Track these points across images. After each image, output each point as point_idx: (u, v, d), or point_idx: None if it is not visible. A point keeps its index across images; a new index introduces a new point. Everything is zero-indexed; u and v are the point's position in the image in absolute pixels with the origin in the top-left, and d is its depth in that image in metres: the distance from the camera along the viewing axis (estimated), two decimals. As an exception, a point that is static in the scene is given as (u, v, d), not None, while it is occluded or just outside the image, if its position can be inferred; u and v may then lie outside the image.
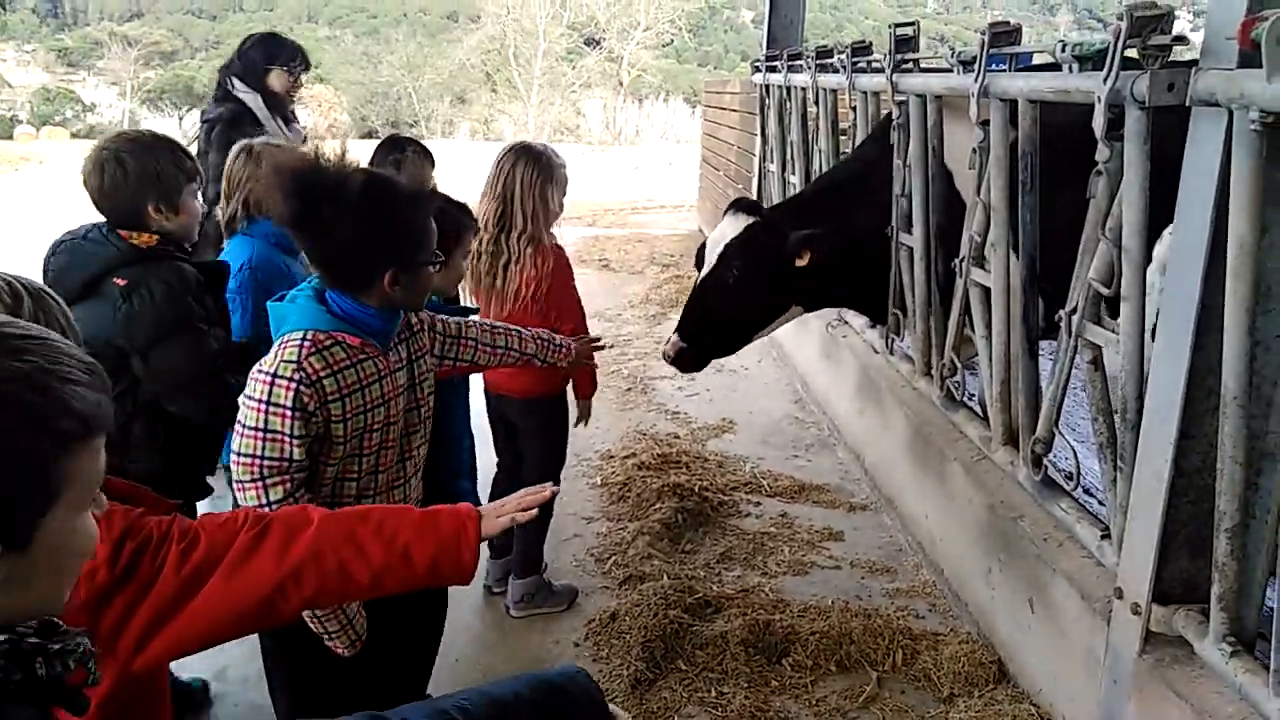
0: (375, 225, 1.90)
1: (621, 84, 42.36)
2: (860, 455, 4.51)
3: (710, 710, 2.81)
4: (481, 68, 39.03)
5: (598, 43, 43.15)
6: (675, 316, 7.60)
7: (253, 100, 4.31)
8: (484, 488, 3.28)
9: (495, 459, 3.50)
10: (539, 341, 2.56)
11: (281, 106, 4.42)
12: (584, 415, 3.37)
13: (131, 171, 2.44)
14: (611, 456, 4.66)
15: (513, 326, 2.53)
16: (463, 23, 48.94)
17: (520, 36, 40.22)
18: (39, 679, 0.82)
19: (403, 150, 3.33)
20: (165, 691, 1.45)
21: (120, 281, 2.38)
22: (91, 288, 2.39)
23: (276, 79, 4.38)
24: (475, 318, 2.61)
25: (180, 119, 42.52)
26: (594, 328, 6.22)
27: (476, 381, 3.19)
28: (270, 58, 4.37)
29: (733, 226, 3.50)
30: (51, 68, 50.48)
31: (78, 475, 0.86)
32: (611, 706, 1.19)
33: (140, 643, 1.27)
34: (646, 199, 15.78)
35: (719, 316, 3.52)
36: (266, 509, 1.74)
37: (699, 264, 3.60)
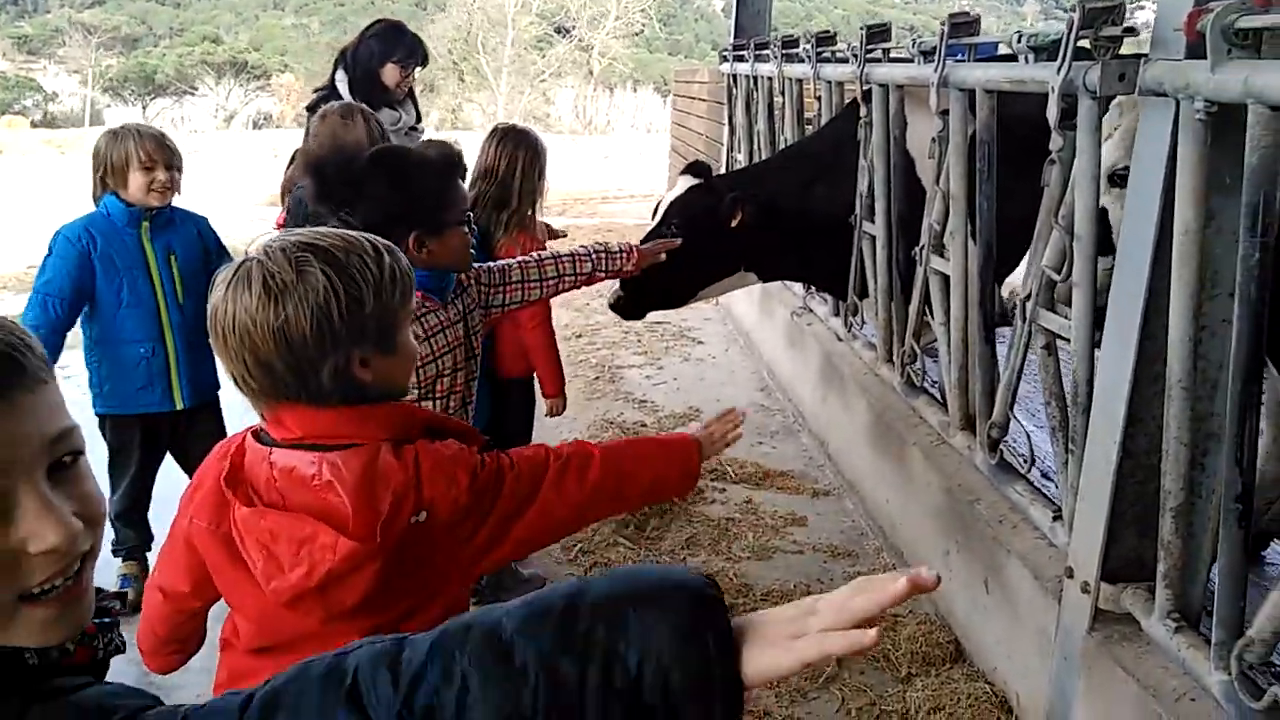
0: (387, 194, 2.04)
1: (592, 73, 42.28)
2: (824, 441, 4.56)
3: (673, 692, 2.84)
4: (448, 56, 38.75)
5: (567, 31, 43.01)
6: (643, 305, 7.65)
7: (343, 86, 4.35)
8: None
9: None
10: (597, 256, 2.60)
11: (388, 98, 4.41)
12: (553, 411, 3.41)
13: None
14: (578, 444, 4.68)
15: (563, 252, 2.58)
16: (430, 11, 48.59)
17: (488, 25, 40.00)
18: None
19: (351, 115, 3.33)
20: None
21: None
22: None
23: (389, 73, 4.41)
24: (519, 258, 2.62)
25: (144, 108, 41.95)
26: (563, 316, 6.24)
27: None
28: (386, 53, 4.40)
29: (682, 187, 3.64)
30: (10, 55, 49.54)
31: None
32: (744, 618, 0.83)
33: (486, 549, 1.55)
34: (617, 188, 15.79)
35: (655, 269, 3.55)
36: None
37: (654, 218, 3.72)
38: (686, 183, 3.66)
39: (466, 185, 3.11)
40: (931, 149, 3.03)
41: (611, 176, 17.75)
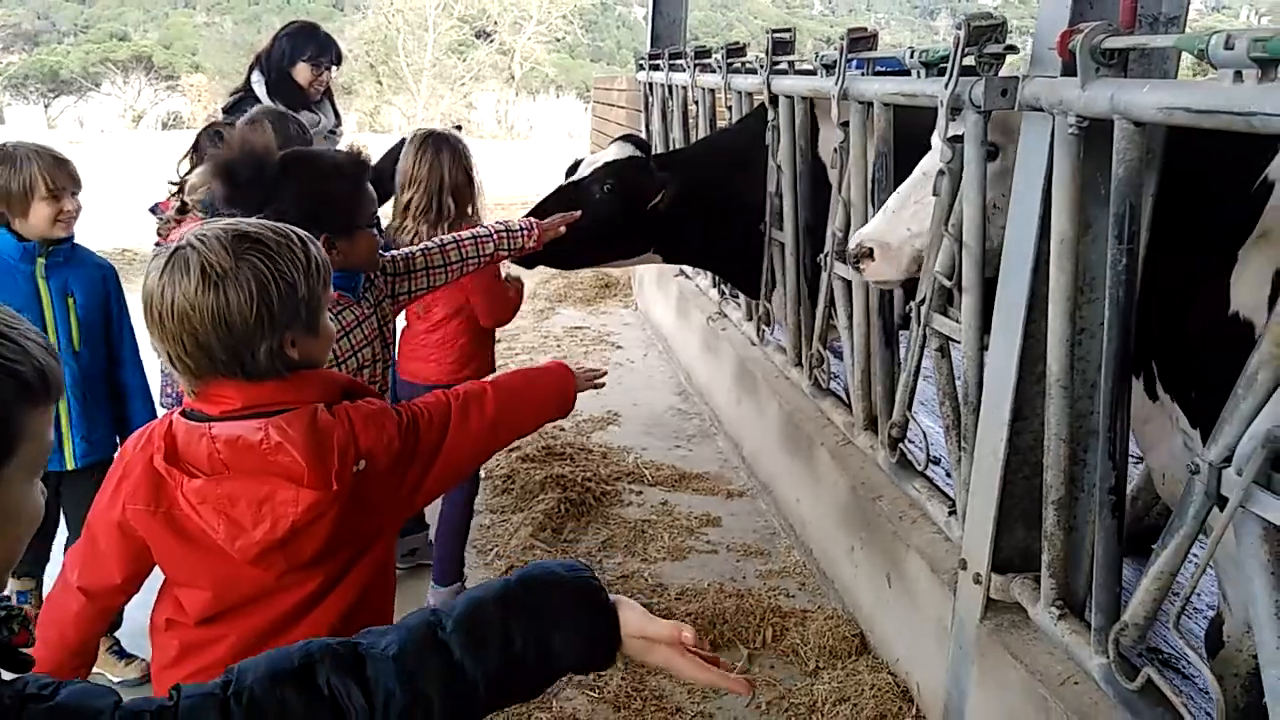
0: (299, 199, 2.11)
1: (513, 78, 42.08)
2: (739, 443, 4.65)
3: (588, 693, 2.88)
4: (366, 58, 38.19)
5: (488, 35, 42.74)
6: (563, 311, 7.68)
7: (260, 89, 4.30)
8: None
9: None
10: (498, 235, 2.70)
11: (304, 100, 4.36)
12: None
13: None
14: (496, 449, 4.69)
15: (464, 234, 2.66)
16: (348, 11, 47.82)
17: (407, 28, 39.53)
18: None
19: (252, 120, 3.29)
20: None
21: None
22: None
23: (301, 72, 4.37)
24: (423, 244, 2.68)
25: (46, 106, 40.41)
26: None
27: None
28: (298, 51, 4.35)
29: (619, 151, 3.67)
30: (-98, 50, 47.29)
31: (34, 434, 0.90)
32: (613, 596, 1.18)
33: (413, 491, 1.70)
34: (536, 193, 15.74)
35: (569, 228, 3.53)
36: None
37: (568, 176, 3.73)
38: (621, 150, 3.68)
39: (399, 194, 3.15)
40: (834, 159, 3.13)
41: (532, 182, 17.68)
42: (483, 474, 4.42)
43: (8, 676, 0.90)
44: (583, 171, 3.68)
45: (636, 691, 2.88)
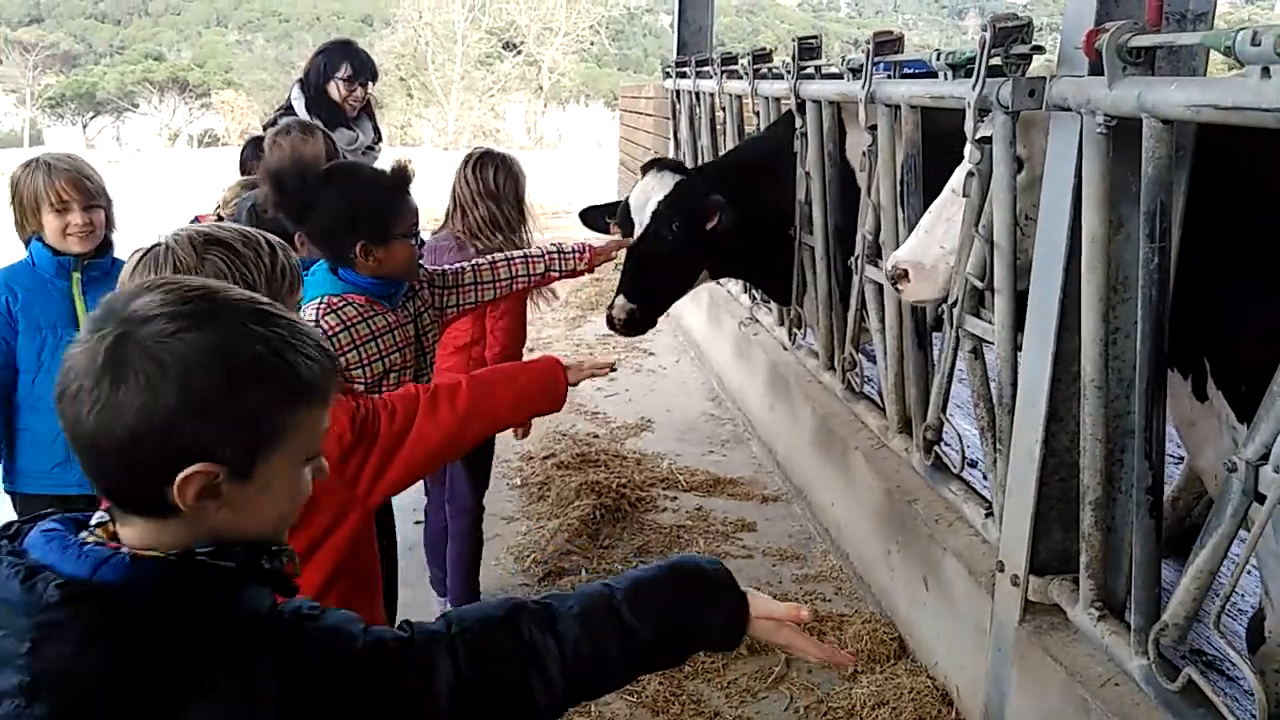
0: (335, 207, 2.23)
1: (541, 88, 42.33)
2: (772, 448, 4.65)
3: (626, 698, 2.90)
4: (396, 73, 38.59)
5: (516, 47, 43.03)
6: (595, 319, 7.72)
7: (299, 105, 4.42)
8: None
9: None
10: (549, 256, 2.74)
11: (342, 117, 4.47)
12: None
13: None
14: (531, 457, 4.73)
15: (515, 253, 2.72)
16: (377, 27, 48.37)
17: (436, 42, 39.90)
18: (266, 571, 1.03)
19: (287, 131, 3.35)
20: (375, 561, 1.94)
21: None
22: None
23: (337, 89, 4.47)
24: (472, 262, 2.74)
25: (84, 127, 41.24)
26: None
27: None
28: (333, 69, 4.45)
29: (660, 184, 3.60)
30: (-55, 75, 48.45)
31: (299, 430, 1.03)
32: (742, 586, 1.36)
33: (374, 481, 1.77)
34: (566, 204, 15.82)
35: (662, 274, 3.57)
36: None
37: (623, 225, 3.68)
38: (661, 180, 3.62)
39: (450, 212, 3.19)
40: (862, 162, 3.13)
41: (562, 192, 17.78)
42: (519, 481, 4.47)
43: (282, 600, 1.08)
44: (636, 214, 3.62)
45: (674, 696, 2.89)
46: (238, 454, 0.99)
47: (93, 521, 1.03)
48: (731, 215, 3.53)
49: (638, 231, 3.60)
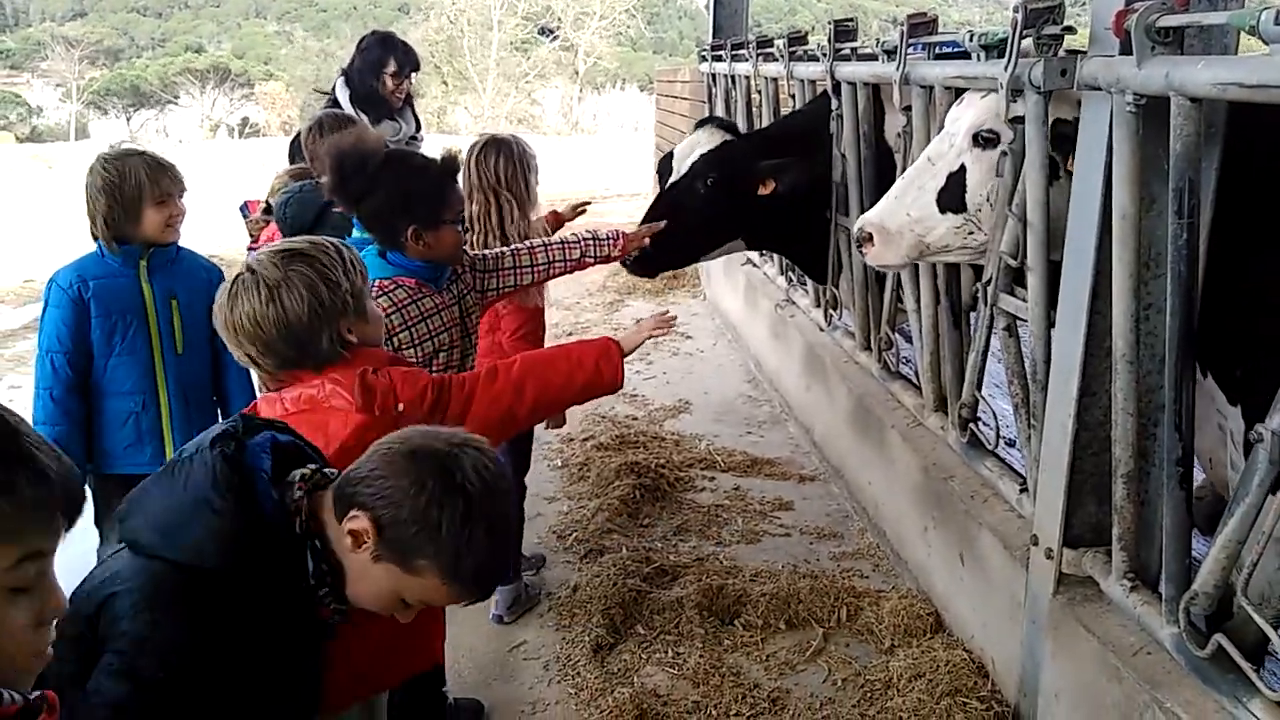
0: (391, 192, 2.35)
1: (577, 73, 42.34)
2: (809, 429, 4.70)
3: (668, 670, 2.98)
4: (431, 60, 38.80)
5: (552, 32, 43.07)
6: (632, 303, 7.79)
7: (344, 98, 4.52)
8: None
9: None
10: (585, 243, 2.86)
11: (387, 109, 4.56)
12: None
13: None
14: (571, 439, 4.82)
15: (553, 239, 2.85)
16: (413, 14, 48.60)
17: (471, 29, 40.04)
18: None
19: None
20: None
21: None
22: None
23: (382, 82, 4.56)
24: (511, 247, 2.86)
25: (128, 119, 41.93)
26: (553, 315, 6.37)
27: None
28: (379, 64, 4.54)
29: (708, 139, 3.59)
30: (-7, 70, 49.49)
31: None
32: None
33: None
34: (604, 188, 15.90)
35: (682, 224, 3.45)
36: None
37: (662, 174, 3.67)
38: (710, 136, 3.59)
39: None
40: (898, 143, 3.16)
41: (599, 176, 17.85)
42: (560, 463, 4.57)
43: None
44: (678, 164, 3.61)
45: (715, 668, 2.96)
46: None
47: None
48: (792, 185, 3.44)
49: (673, 179, 3.59)
